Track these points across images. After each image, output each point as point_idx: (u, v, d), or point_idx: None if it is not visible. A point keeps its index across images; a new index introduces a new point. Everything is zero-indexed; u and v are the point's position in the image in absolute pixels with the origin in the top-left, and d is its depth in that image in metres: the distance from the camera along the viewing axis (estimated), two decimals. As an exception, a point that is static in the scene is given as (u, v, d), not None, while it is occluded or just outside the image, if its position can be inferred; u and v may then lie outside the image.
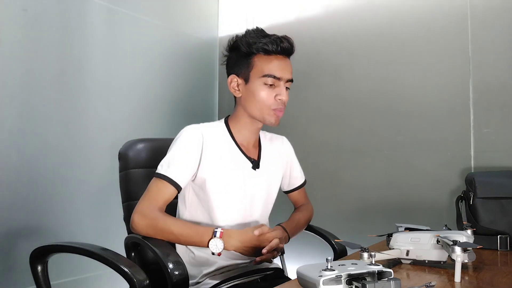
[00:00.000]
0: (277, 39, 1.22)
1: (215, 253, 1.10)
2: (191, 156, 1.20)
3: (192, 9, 2.53)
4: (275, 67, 1.22)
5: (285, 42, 1.22)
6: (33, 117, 1.75)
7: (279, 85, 1.23)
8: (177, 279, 1.01)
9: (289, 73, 1.25)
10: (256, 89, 1.23)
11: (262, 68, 1.22)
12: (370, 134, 2.06)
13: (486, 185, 1.43)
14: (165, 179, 1.16)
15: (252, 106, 1.24)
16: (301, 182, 1.50)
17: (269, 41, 1.21)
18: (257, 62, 1.23)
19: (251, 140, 1.33)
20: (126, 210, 1.35)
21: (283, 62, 1.24)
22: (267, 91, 1.22)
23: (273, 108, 1.23)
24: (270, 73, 1.21)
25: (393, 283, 0.72)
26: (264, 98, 1.22)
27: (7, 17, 1.68)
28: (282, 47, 1.22)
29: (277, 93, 1.22)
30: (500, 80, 1.74)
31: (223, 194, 1.23)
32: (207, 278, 1.20)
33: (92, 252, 1.05)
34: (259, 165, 1.32)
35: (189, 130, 1.24)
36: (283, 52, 1.24)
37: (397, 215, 1.94)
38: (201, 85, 2.55)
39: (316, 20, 2.27)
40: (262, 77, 1.22)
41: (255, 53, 1.23)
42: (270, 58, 1.22)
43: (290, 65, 1.26)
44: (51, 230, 1.78)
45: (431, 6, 1.92)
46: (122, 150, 1.39)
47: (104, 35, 2.03)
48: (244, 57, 1.25)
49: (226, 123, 1.32)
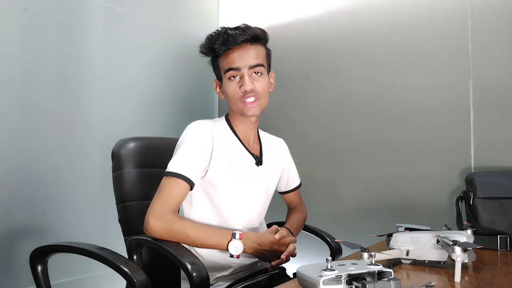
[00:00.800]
0: (225, 34, 1.22)
1: (234, 255, 1.11)
2: (203, 153, 1.19)
3: (192, 9, 2.53)
4: (232, 59, 1.23)
5: (240, 36, 1.21)
6: (33, 117, 1.75)
7: (242, 75, 1.22)
8: (198, 279, 1.00)
9: (250, 59, 1.22)
10: (225, 86, 1.25)
11: (223, 65, 1.25)
12: (370, 134, 2.06)
13: (486, 185, 1.43)
14: (178, 176, 1.14)
15: (229, 103, 1.28)
16: (297, 184, 1.53)
17: (221, 42, 1.22)
18: (221, 61, 1.26)
19: (251, 136, 1.34)
20: (121, 211, 1.33)
21: (242, 51, 1.23)
22: (233, 84, 1.24)
23: (243, 100, 1.23)
24: (228, 67, 1.23)
25: (393, 283, 0.72)
26: (231, 92, 1.24)
27: (7, 17, 1.68)
28: (237, 41, 1.21)
29: (241, 84, 1.22)
30: (500, 80, 1.74)
31: (232, 190, 1.24)
32: (220, 280, 1.21)
33: (92, 252, 1.04)
34: (261, 161, 1.33)
35: (198, 126, 1.23)
36: (242, 42, 1.23)
37: (397, 215, 1.94)
38: (201, 85, 2.55)
39: (316, 21, 2.27)
40: (225, 73, 1.24)
41: (218, 54, 1.26)
42: (227, 53, 1.24)
43: (252, 51, 1.24)
44: (51, 230, 1.78)
45: (431, 6, 1.92)
46: (114, 149, 1.36)
47: (104, 35, 2.03)
48: (213, 60, 1.30)
49: (227, 120, 1.33)
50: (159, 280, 1.32)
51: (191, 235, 1.11)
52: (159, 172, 1.23)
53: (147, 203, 1.32)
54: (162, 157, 1.39)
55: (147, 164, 1.38)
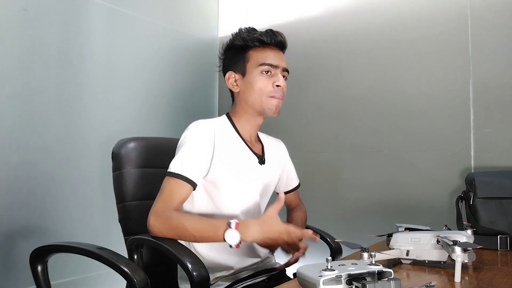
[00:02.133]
0: (270, 32, 1.28)
1: (232, 245, 1.05)
2: (204, 153, 1.19)
3: (192, 9, 2.53)
4: (271, 56, 1.27)
5: (278, 36, 1.28)
6: (32, 117, 1.75)
7: (276, 73, 1.27)
8: (198, 279, 0.99)
9: (284, 63, 1.29)
10: (253, 79, 1.26)
11: (257, 59, 1.26)
12: (370, 134, 2.06)
13: (486, 185, 1.43)
14: (179, 177, 1.14)
15: (251, 96, 1.27)
16: (297, 184, 1.53)
17: (263, 33, 1.27)
18: (252, 55, 1.27)
19: (253, 136, 1.34)
20: (121, 211, 1.33)
21: (277, 53, 1.29)
22: (265, 79, 1.26)
23: (271, 95, 1.26)
24: (266, 62, 1.25)
25: (393, 283, 0.72)
26: (262, 85, 1.25)
27: (7, 17, 1.68)
28: (276, 39, 1.28)
29: (275, 80, 1.26)
30: (500, 80, 1.74)
31: (235, 189, 1.24)
32: (220, 280, 1.21)
33: (92, 252, 1.04)
34: (264, 160, 1.33)
35: (200, 125, 1.23)
36: (277, 45, 1.29)
37: (397, 215, 1.94)
38: (201, 85, 2.55)
39: (316, 20, 2.27)
40: (259, 67, 1.25)
41: (251, 47, 1.27)
42: (265, 49, 1.27)
43: (284, 57, 1.31)
44: (51, 230, 1.78)
45: (431, 6, 1.92)
46: (115, 149, 1.35)
47: (104, 35, 2.03)
48: (240, 52, 1.29)
49: (229, 118, 1.32)
50: (159, 280, 1.32)
51: (189, 228, 1.08)
52: (160, 172, 1.23)
53: (147, 203, 1.32)
54: (163, 157, 1.39)
55: (148, 164, 1.37)
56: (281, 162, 1.45)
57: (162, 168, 1.22)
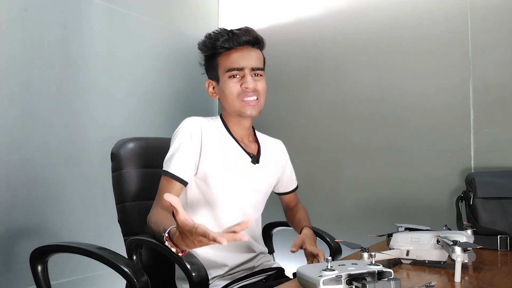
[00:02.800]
0: (231, 34, 1.24)
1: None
2: (191, 148, 1.20)
3: (192, 9, 2.53)
4: (235, 59, 1.23)
5: (242, 36, 1.23)
6: (33, 117, 1.74)
7: (244, 75, 1.24)
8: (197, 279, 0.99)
9: (252, 61, 1.24)
10: (224, 85, 1.25)
11: (225, 64, 1.25)
12: (370, 134, 2.06)
13: (486, 185, 1.44)
14: (168, 175, 1.17)
15: (226, 103, 1.27)
16: (296, 185, 1.52)
17: (226, 39, 1.23)
18: (220, 61, 1.26)
19: (245, 137, 1.33)
20: (121, 212, 1.33)
21: (244, 52, 1.24)
22: (234, 83, 1.24)
23: (242, 99, 1.23)
24: (231, 67, 1.23)
25: (393, 283, 0.72)
26: (231, 90, 1.24)
27: (7, 17, 1.68)
28: (239, 40, 1.23)
29: (242, 82, 1.23)
30: (500, 80, 1.74)
31: (226, 186, 1.24)
32: (216, 279, 1.21)
33: (92, 252, 1.04)
34: (258, 160, 1.32)
35: (187, 122, 1.24)
36: (244, 44, 1.24)
37: (397, 215, 1.94)
38: (200, 85, 2.53)
39: (316, 20, 2.27)
40: (226, 73, 1.24)
41: (218, 53, 1.26)
42: (230, 53, 1.24)
43: (254, 54, 1.26)
44: (51, 230, 1.78)
45: (432, 6, 1.92)
46: (114, 149, 1.36)
47: (104, 35, 2.03)
48: (211, 60, 1.29)
49: (222, 118, 1.33)
50: (158, 281, 1.31)
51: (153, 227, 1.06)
52: (159, 172, 1.23)
53: (146, 204, 1.32)
54: (162, 157, 1.38)
55: (147, 165, 1.37)
56: (280, 163, 1.44)
57: (161, 168, 1.22)
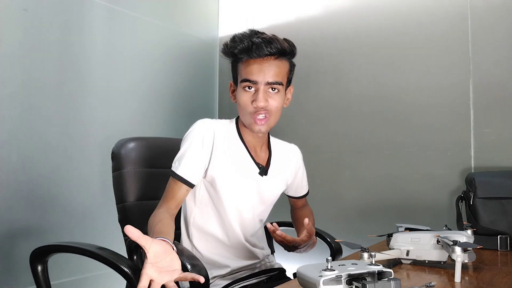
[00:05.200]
0: (252, 45, 1.14)
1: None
2: (202, 153, 1.18)
3: (192, 9, 2.53)
4: (252, 70, 1.15)
5: (265, 47, 1.13)
6: (33, 117, 1.75)
7: (258, 89, 1.15)
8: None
9: (269, 75, 1.15)
10: (239, 94, 1.19)
11: (242, 73, 1.18)
12: (370, 134, 2.06)
13: (486, 185, 1.44)
14: (176, 177, 1.15)
15: (240, 112, 1.22)
16: (306, 191, 1.50)
17: (243, 48, 1.14)
18: (240, 67, 1.19)
19: (258, 146, 1.29)
20: (121, 212, 1.32)
21: (264, 64, 1.15)
22: (247, 95, 1.17)
23: (252, 115, 1.17)
24: (245, 78, 1.16)
25: (393, 283, 0.72)
26: (243, 103, 1.18)
27: (7, 17, 1.68)
28: (260, 53, 1.14)
29: (254, 99, 1.15)
30: (500, 80, 1.74)
31: (233, 194, 1.23)
32: (217, 279, 1.21)
33: (92, 252, 1.04)
34: (267, 172, 1.29)
35: (201, 124, 1.21)
36: (270, 55, 1.15)
37: (397, 215, 1.94)
38: (201, 85, 2.55)
39: (316, 20, 2.27)
40: (241, 82, 1.17)
41: (240, 59, 1.18)
42: (249, 62, 1.16)
43: (275, 67, 1.16)
44: (51, 230, 1.78)
45: (431, 6, 1.92)
46: (114, 149, 1.35)
47: (104, 35, 2.03)
48: (233, 63, 1.23)
49: (237, 124, 1.28)
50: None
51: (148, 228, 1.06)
52: (159, 172, 1.23)
53: (147, 203, 1.32)
54: (162, 157, 1.39)
55: (147, 164, 1.37)
56: (293, 168, 1.40)
57: (162, 168, 1.22)
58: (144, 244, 0.81)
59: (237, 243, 1.24)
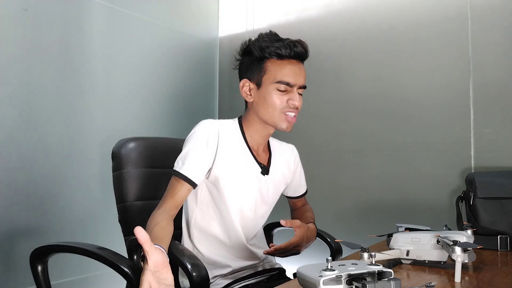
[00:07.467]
0: (291, 43, 1.19)
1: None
2: (206, 152, 1.17)
3: (192, 9, 2.53)
4: (288, 73, 1.19)
5: (299, 47, 1.20)
6: (33, 117, 1.75)
7: (292, 91, 1.21)
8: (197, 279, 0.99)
9: (302, 79, 1.22)
10: (268, 94, 1.20)
11: (275, 74, 1.19)
12: (370, 135, 2.06)
13: (486, 185, 1.43)
14: (179, 176, 1.14)
15: (264, 111, 1.22)
16: (305, 190, 1.51)
17: (282, 45, 1.18)
18: (269, 67, 1.20)
19: (261, 145, 1.31)
20: (121, 212, 1.32)
21: (296, 67, 1.21)
22: (280, 96, 1.20)
23: (284, 112, 1.21)
24: (283, 80, 1.19)
25: (393, 283, 0.72)
26: (276, 103, 1.20)
27: (7, 17, 1.68)
28: (296, 51, 1.20)
29: (290, 98, 1.20)
30: (500, 80, 1.74)
31: (236, 194, 1.23)
32: (218, 278, 1.21)
33: (92, 252, 1.04)
34: (268, 171, 1.30)
35: (205, 125, 1.21)
36: (297, 57, 1.21)
37: (397, 215, 1.94)
38: (201, 85, 2.55)
39: (316, 20, 2.27)
40: (275, 83, 1.19)
41: (268, 58, 1.20)
42: (283, 63, 1.20)
43: (303, 71, 1.24)
44: (51, 230, 1.78)
45: (431, 6, 1.92)
46: (115, 149, 1.35)
47: (104, 35, 2.03)
48: (256, 61, 1.22)
49: (240, 123, 1.29)
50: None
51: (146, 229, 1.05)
52: (159, 172, 1.23)
53: (147, 203, 1.32)
54: (163, 157, 1.39)
55: (148, 164, 1.37)
56: (290, 170, 1.41)
57: (162, 168, 1.22)
58: (148, 250, 0.82)
59: (238, 244, 1.24)
